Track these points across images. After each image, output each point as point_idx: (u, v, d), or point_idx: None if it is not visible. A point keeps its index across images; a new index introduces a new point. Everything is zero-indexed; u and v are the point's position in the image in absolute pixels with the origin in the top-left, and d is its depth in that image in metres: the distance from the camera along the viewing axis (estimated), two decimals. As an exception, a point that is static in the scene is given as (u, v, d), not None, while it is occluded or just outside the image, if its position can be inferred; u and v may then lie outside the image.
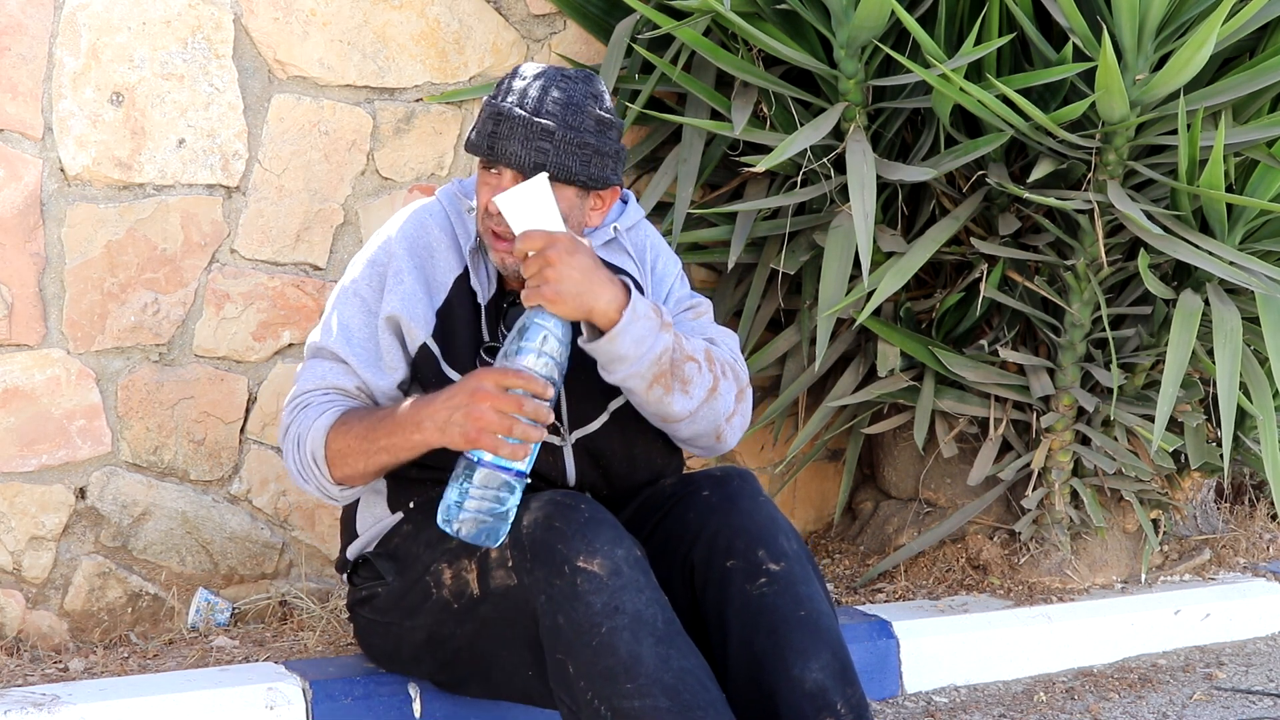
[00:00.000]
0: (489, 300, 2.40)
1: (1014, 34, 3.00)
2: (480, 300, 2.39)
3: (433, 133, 3.20)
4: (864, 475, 3.73)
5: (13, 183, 2.82)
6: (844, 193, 3.04)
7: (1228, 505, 3.90)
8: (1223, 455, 3.08)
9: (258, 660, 2.75)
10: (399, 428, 2.25)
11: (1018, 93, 2.84)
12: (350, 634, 2.79)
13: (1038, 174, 2.98)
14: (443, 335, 2.38)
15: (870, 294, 3.00)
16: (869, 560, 3.53)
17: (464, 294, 2.40)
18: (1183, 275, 3.13)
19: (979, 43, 2.90)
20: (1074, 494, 3.33)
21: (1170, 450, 3.19)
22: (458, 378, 2.30)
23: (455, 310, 2.39)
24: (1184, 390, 3.15)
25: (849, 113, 3.07)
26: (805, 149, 2.97)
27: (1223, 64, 3.09)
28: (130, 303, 2.93)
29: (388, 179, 3.17)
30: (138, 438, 2.96)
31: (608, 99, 2.37)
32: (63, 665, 2.75)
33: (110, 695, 2.46)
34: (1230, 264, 2.91)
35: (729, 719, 2.10)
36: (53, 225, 2.86)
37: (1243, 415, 3.26)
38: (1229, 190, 2.97)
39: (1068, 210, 3.04)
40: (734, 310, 3.39)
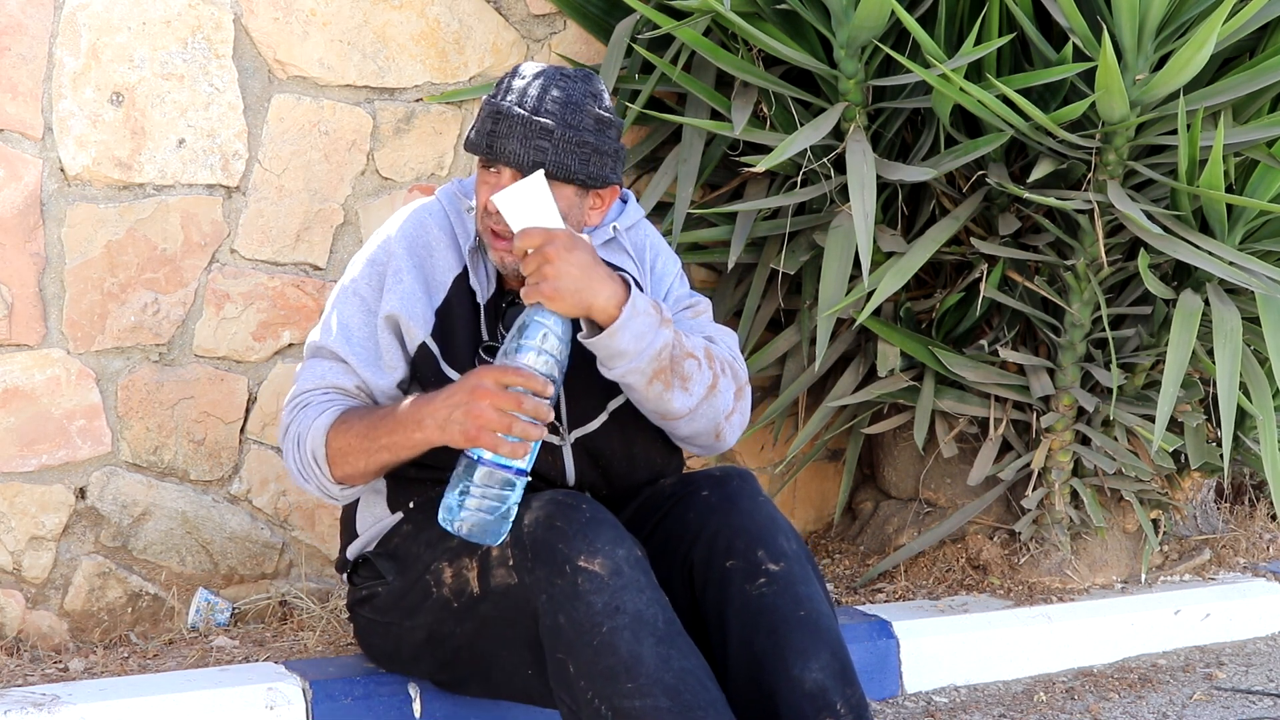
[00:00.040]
0: (488, 299, 2.40)
1: (1014, 34, 3.00)
2: (479, 299, 2.39)
3: (433, 133, 3.20)
4: (864, 475, 3.73)
5: (13, 183, 2.82)
6: (844, 193, 3.04)
7: (1228, 505, 3.90)
8: (1223, 455, 3.08)
9: (258, 660, 2.75)
10: (400, 426, 2.25)
11: (1018, 93, 2.84)
12: (350, 634, 2.79)
13: (1038, 174, 2.98)
14: (442, 334, 2.38)
15: (870, 294, 3.00)
16: (869, 560, 3.53)
17: (463, 293, 2.40)
18: (1183, 275, 3.13)
19: (979, 43, 2.90)
20: (1074, 494, 3.33)
21: (1170, 450, 3.19)
22: (457, 377, 2.30)
23: (454, 309, 2.39)
24: (1184, 390, 3.15)
25: (849, 113, 3.07)
26: (805, 149, 2.97)
27: (1223, 64, 3.09)
28: (130, 303, 2.93)
29: (388, 179, 3.17)
30: (138, 438, 2.96)
31: (607, 98, 2.37)
32: (63, 665, 2.75)
33: (110, 695, 2.46)
34: (1230, 264, 2.90)
35: (729, 719, 2.10)
36: (53, 225, 2.86)
37: (1243, 415, 3.26)
38: (1229, 190, 2.97)
39: (1068, 210, 3.04)
40: (734, 310, 3.39)
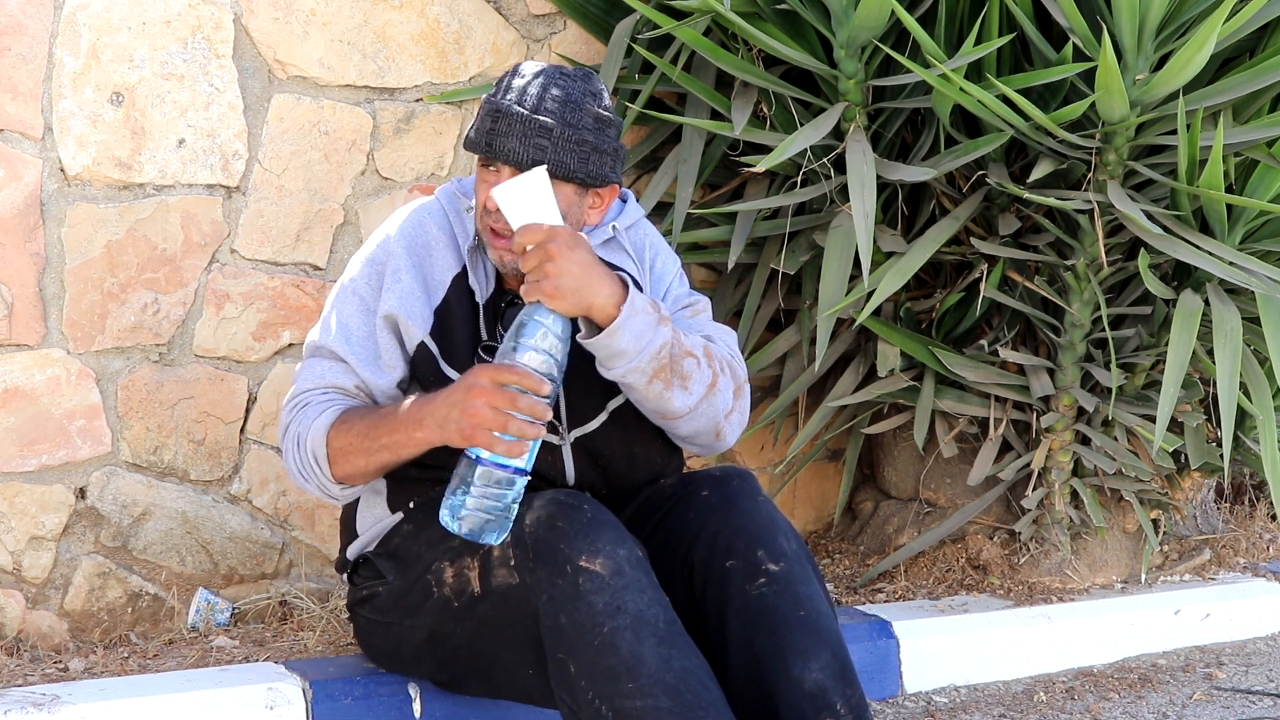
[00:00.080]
0: (487, 299, 2.40)
1: (1014, 34, 3.00)
2: (479, 299, 2.39)
3: (433, 133, 3.20)
4: (864, 475, 3.73)
5: (13, 183, 2.82)
6: (844, 193, 3.04)
7: (1228, 505, 3.90)
8: (1223, 455, 3.08)
9: (258, 660, 2.75)
10: (400, 425, 2.25)
11: (1018, 93, 2.84)
12: (350, 634, 2.78)
13: (1038, 174, 2.98)
14: (441, 334, 2.38)
15: (870, 294, 3.00)
16: (869, 560, 3.53)
17: (462, 293, 2.39)
18: (1183, 275, 3.13)
19: (979, 43, 2.90)
20: (1074, 494, 3.33)
21: (1170, 450, 3.19)
22: (456, 376, 2.30)
23: (453, 309, 2.38)
24: (1184, 390, 3.15)
25: (849, 113, 3.07)
26: (805, 149, 2.97)
27: (1223, 64, 3.09)
28: (130, 303, 2.93)
29: (388, 179, 3.17)
30: (138, 438, 2.96)
31: (606, 97, 2.37)
32: (63, 665, 2.75)
33: (110, 695, 2.45)
34: (1230, 264, 2.90)
35: (730, 719, 2.10)
36: (53, 225, 2.86)
37: (1243, 415, 3.26)
38: (1229, 190, 2.97)
39: (1068, 210, 3.04)
40: (734, 310, 3.39)
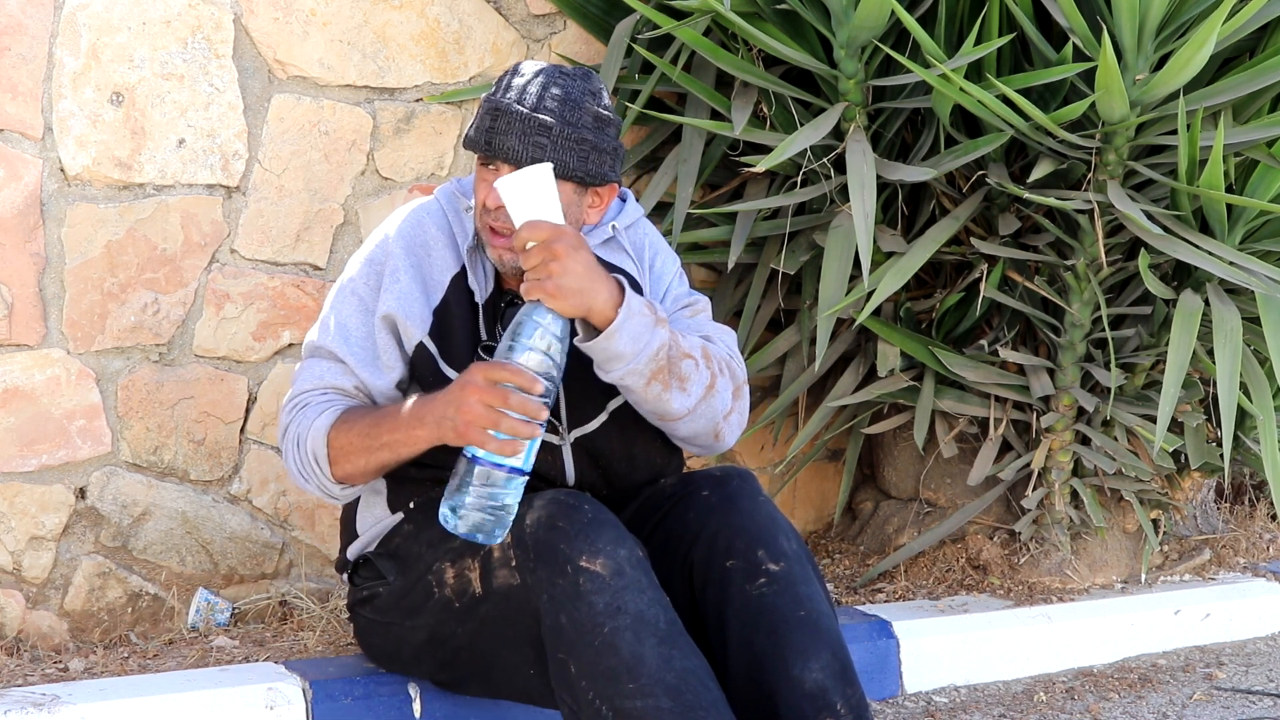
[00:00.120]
0: (486, 299, 2.40)
1: (1014, 34, 3.00)
2: (478, 299, 2.39)
3: (433, 133, 3.20)
4: (864, 475, 3.73)
5: (13, 183, 2.82)
6: (844, 193, 3.04)
7: (1228, 505, 3.90)
8: (1223, 455, 3.08)
9: (258, 660, 2.75)
10: (401, 424, 2.25)
11: (1018, 93, 2.83)
12: (350, 634, 2.78)
13: (1038, 174, 2.98)
14: (440, 334, 2.38)
15: (870, 294, 2.99)
16: (869, 560, 3.53)
17: (461, 293, 2.39)
18: (1183, 275, 3.13)
19: (979, 43, 2.90)
20: (1074, 494, 3.33)
21: (1170, 450, 3.19)
22: (456, 376, 2.29)
23: (452, 309, 2.38)
24: (1184, 390, 3.15)
25: (849, 113, 3.07)
26: (805, 149, 2.97)
27: (1223, 64, 3.09)
28: (130, 303, 2.93)
29: (388, 179, 3.17)
30: (138, 438, 2.96)
31: (606, 96, 2.37)
32: (63, 665, 2.75)
33: (110, 695, 2.45)
34: (1230, 264, 2.90)
35: (731, 719, 2.10)
36: (53, 225, 2.86)
37: (1243, 415, 3.26)
38: (1229, 190, 2.97)
39: (1068, 210, 3.04)
40: (734, 310, 3.39)
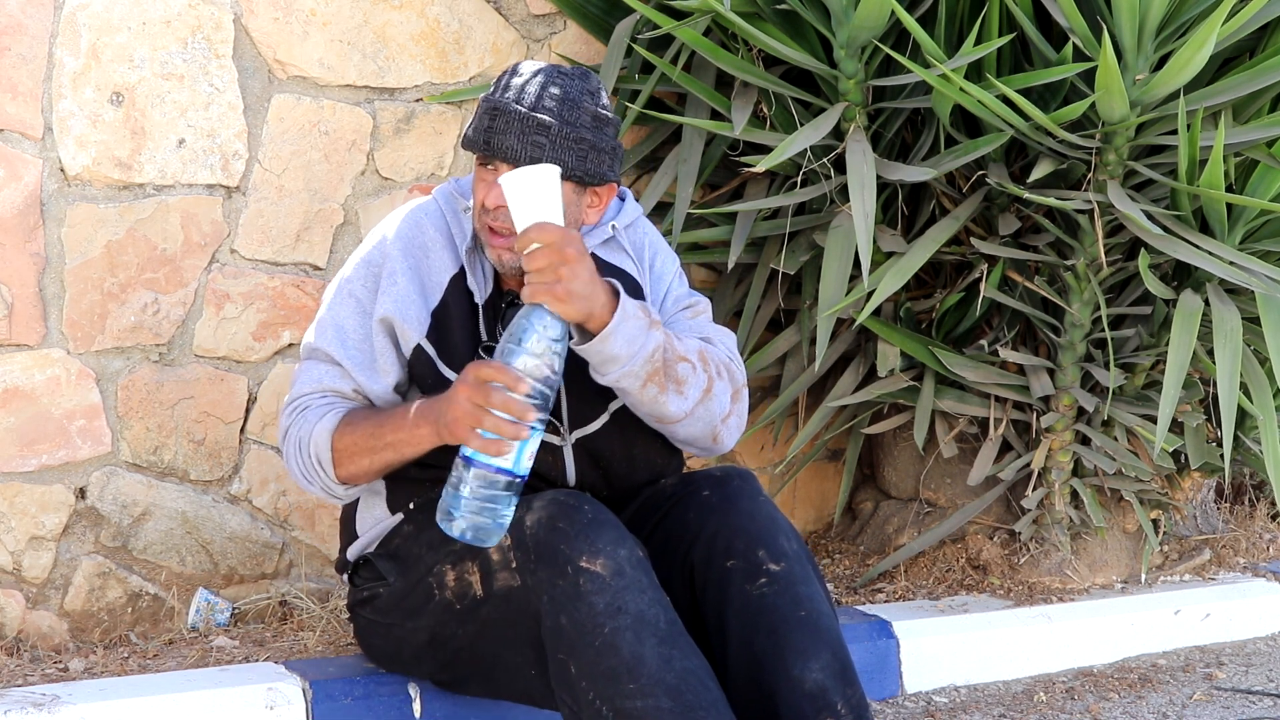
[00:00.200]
0: (486, 299, 2.39)
1: (1014, 34, 3.00)
2: (478, 299, 2.39)
3: (433, 133, 3.20)
4: (864, 475, 3.73)
5: (13, 183, 2.82)
6: (844, 193, 3.04)
7: (1228, 505, 3.90)
8: (1223, 455, 3.08)
9: (258, 660, 2.75)
10: (406, 424, 2.25)
11: (1018, 93, 2.83)
12: (350, 634, 2.78)
13: (1038, 174, 2.98)
14: (438, 335, 2.37)
15: (870, 294, 3.00)
16: (869, 560, 3.53)
17: (460, 294, 2.39)
18: (1183, 275, 3.13)
19: (979, 43, 2.90)
20: (1074, 494, 3.33)
21: (1170, 450, 3.19)
22: (455, 378, 2.29)
23: (451, 310, 2.38)
24: (1184, 390, 3.15)
25: (849, 113, 3.07)
26: (805, 149, 2.97)
27: (1223, 64, 3.09)
28: (130, 303, 2.93)
29: (388, 179, 3.17)
30: (138, 438, 2.96)
31: (605, 96, 2.37)
32: (63, 665, 2.75)
33: (110, 695, 2.45)
34: (1230, 264, 2.91)
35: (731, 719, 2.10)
36: (53, 225, 2.86)
37: (1243, 415, 3.26)
38: (1229, 190, 2.97)
39: (1068, 210, 3.04)
40: (734, 310, 3.39)
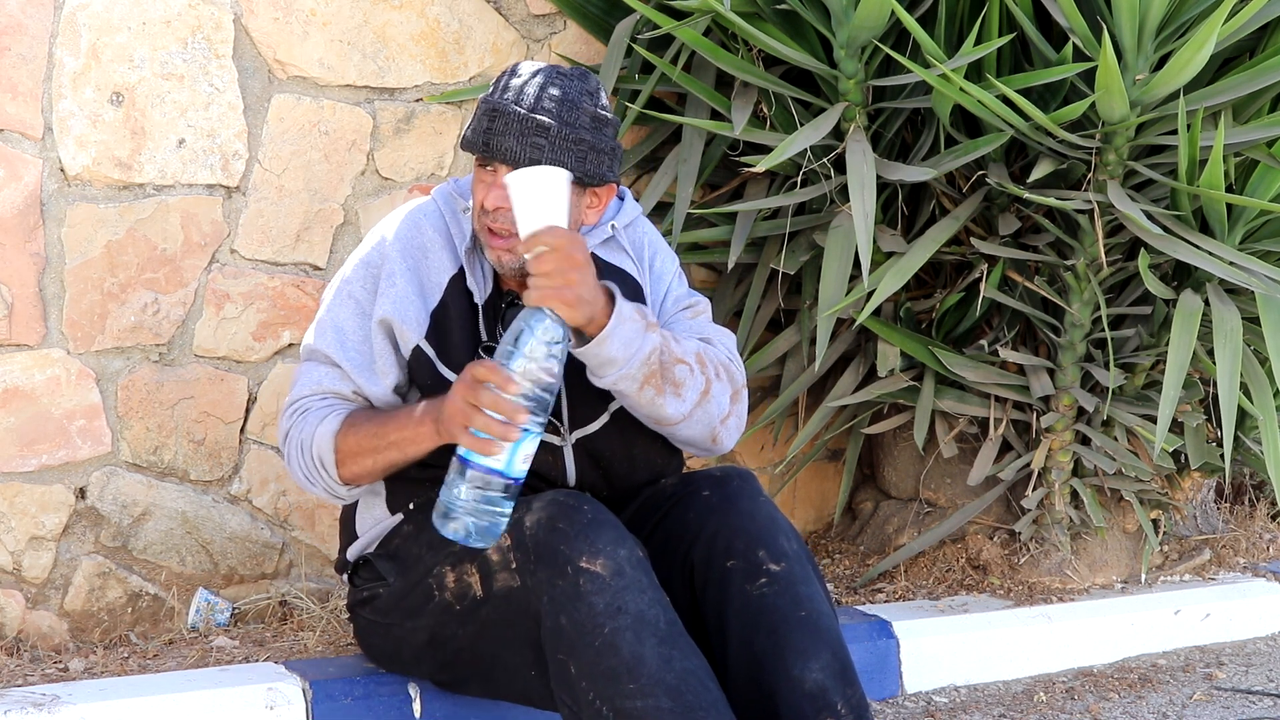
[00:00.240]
0: (486, 300, 2.39)
1: (1014, 34, 3.00)
2: (477, 300, 2.39)
3: (433, 133, 3.20)
4: (864, 475, 3.73)
5: (13, 183, 2.82)
6: (844, 193, 3.04)
7: (1228, 505, 3.90)
8: (1223, 455, 3.08)
9: (258, 660, 2.75)
10: (409, 422, 2.25)
11: (1018, 93, 2.84)
12: (350, 634, 2.78)
13: (1038, 174, 2.98)
14: (437, 336, 2.37)
15: (870, 294, 3.00)
16: (869, 560, 3.53)
17: (459, 294, 2.39)
18: (1183, 275, 3.13)
19: (979, 43, 2.90)
20: (1074, 494, 3.33)
21: (1170, 450, 3.19)
22: (454, 379, 2.29)
23: (450, 311, 2.38)
24: (1184, 390, 3.15)
25: (849, 113, 3.07)
26: (805, 149, 2.97)
27: (1223, 64, 3.09)
28: (130, 303, 2.93)
29: (388, 179, 3.17)
30: (138, 438, 2.96)
31: (604, 96, 2.36)
32: (63, 665, 2.75)
33: (110, 695, 2.45)
34: (1230, 264, 2.91)
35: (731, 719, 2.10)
36: (53, 225, 2.86)
37: (1243, 415, 3.26)
38: (1229, 190, 2.97)
39: (1068, 210, 3.04)
40: (734, 310, 3.39)
